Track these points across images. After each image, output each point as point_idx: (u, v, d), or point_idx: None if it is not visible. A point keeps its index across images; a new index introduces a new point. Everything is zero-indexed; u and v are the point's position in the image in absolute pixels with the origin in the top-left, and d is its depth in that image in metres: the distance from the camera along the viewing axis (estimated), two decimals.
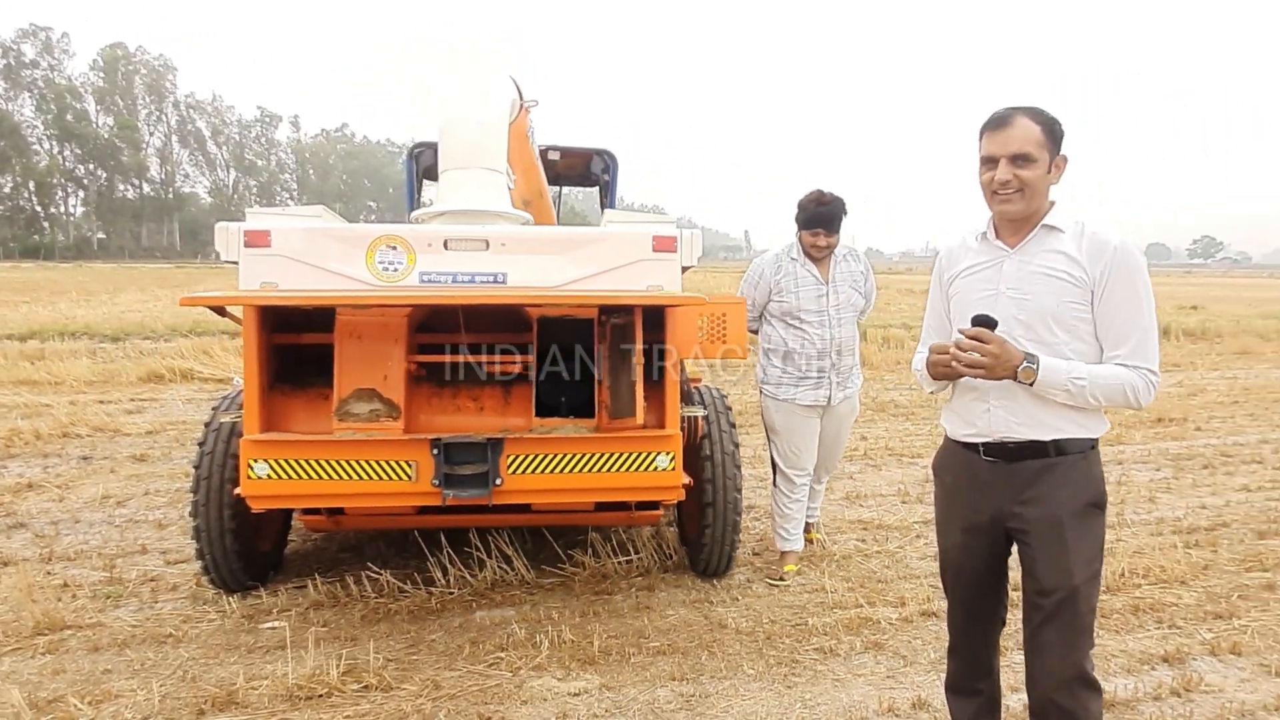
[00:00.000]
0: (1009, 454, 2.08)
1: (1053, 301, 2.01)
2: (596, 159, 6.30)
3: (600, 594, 3.74)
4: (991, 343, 1.96)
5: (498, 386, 3.39)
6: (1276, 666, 3.11)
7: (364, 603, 3.59)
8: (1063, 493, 2.03)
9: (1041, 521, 2.03)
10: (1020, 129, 1.98)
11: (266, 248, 3.01)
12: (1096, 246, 1.99)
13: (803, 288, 3.76)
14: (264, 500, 3.09)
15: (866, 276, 3.94)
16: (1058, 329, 2.02)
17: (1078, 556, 2.01)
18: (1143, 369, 1.97)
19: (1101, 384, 1.96)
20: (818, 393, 3.79)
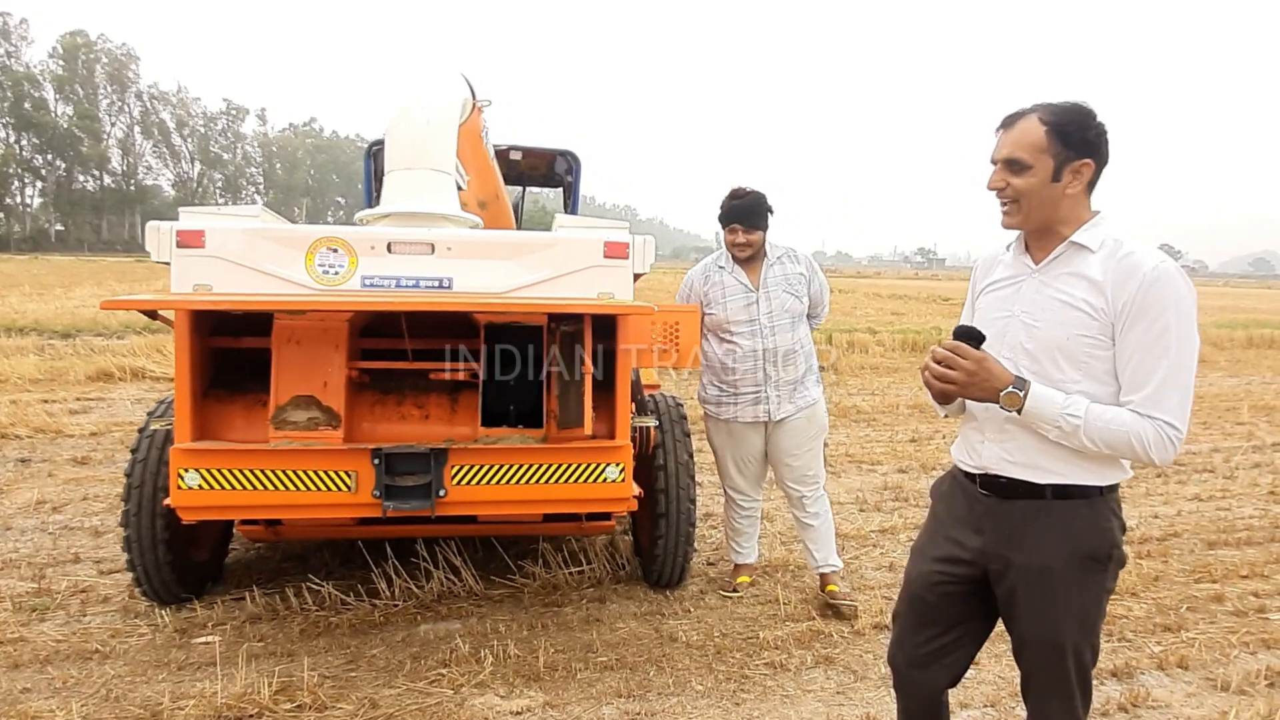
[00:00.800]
0: (1001, 490, 1.85)
1: (1062, 334, 1.75)
2: (559, 159, 6.21)
3: (550, 606, 3.66)
4: (968, 358, 1.74)
5: (444, 394, 3.29)
6: (1221, 680, 3.11)
7: (304, 615, 3.47)
8: (1056, 541, 1.78)
9: (1028, 568, 1.80)
10: (1018, 130, 1.75)
11: (200, 249, 2.89)
12: (1125, 272, 1.69)
13: (730, 297, 3.52)
14: (195, 511, 2.97)
15: (810, 279, 3.64)
16: (1065, 364, 1.75)
17: (1066, 613, 1.78)
18: (1159, 420, 1.66)
19: (1100, 427, 1.68)
20: (757, 409, 3.55)
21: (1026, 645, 1.86)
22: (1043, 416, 1.71)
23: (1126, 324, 1.70)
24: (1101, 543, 1.78)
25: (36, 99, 79.51)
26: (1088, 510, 1.79)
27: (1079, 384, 1.75)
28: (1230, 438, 7.63)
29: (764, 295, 3.51)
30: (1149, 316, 1.67)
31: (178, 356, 2.96)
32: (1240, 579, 4.14)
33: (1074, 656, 1.80)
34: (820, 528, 3.70)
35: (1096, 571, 1.79)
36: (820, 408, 3.66)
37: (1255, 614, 3.72)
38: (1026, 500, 1.82)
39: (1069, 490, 1.78)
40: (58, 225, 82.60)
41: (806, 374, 3.60)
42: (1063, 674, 1.82)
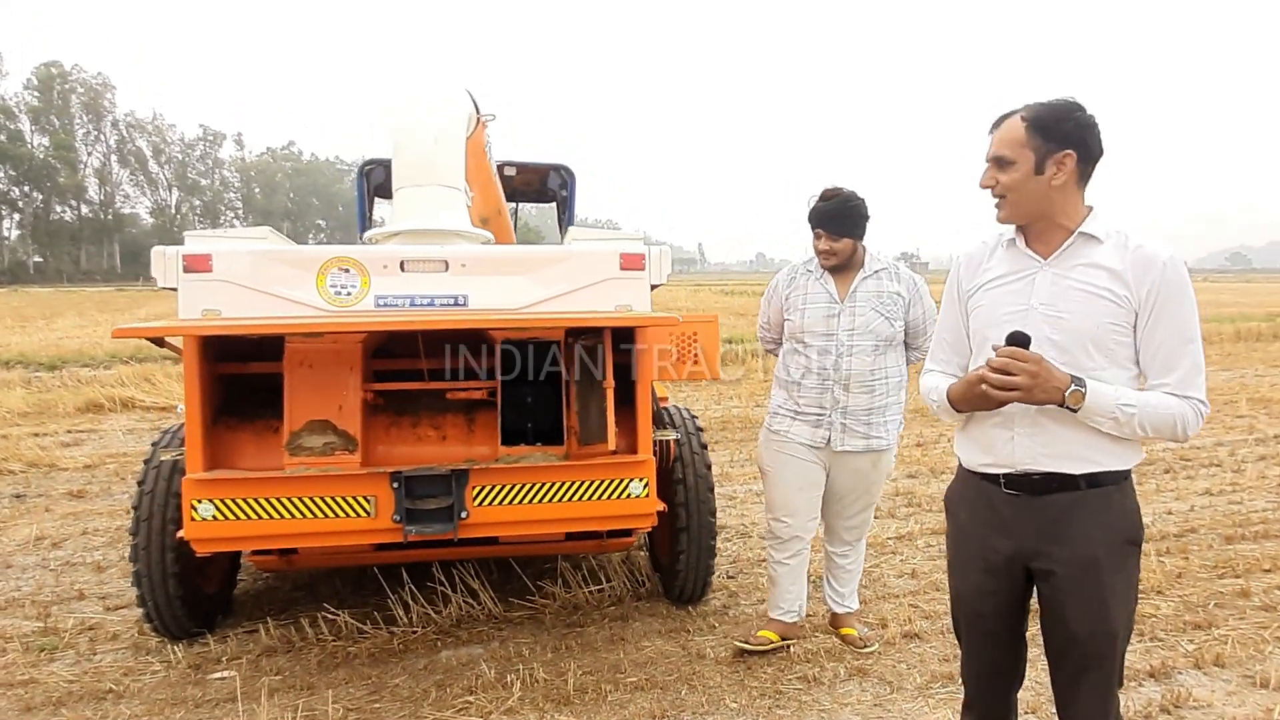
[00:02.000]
0: (1033, 487, 1.85)
1: (1091, 323, 1.79)
2: (553, 174, 6.16)
3: (572, 626, 3.58)
4: (1029, 361, 1.72)
5: (460, 414, 3.22)
6: (1261, 677, 3.07)
7: (320, 646, 3.38)
8: (1097, 530, 1.80)
9: (1073, 562, 1.80)
10: (1004, 129, 1.82)
11: (207, 273, 2.82)
12: (1143, 262, 1.76)
13: (811, 305, 3.13)
14: (210, 543, 2.88)
15: (911, 301, 3.14)
16: (1096, 352, 1.79)
17: (1115, 599, 1.80)
18: (1194, 399, 1.76)
19: (1150, 413, 1.74)
20: (816, 431, 3.13)
21: (1077, 639, 1.84)
22: (1102, 410, 1.74)
23: (1152, 313, 1.76)
24: (1136, 525, 1.85)
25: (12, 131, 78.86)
26: (1119, 495, 1.82)
27: (1106, 370, 1.79)
28: (1232, 431, 7.65)
29: (849, 309, 3.09)
30: (1172, 305, 1.75)
31: (187, 384, 2.88)
32: (1264, 573, 4.11)
33: (1121, 646, 1.85)
34: (851, 569, 3.40)
35: (1134, 555, 1.85)
36: (890, 451, 3.20)
37: None
38: (1061, 493, 1.82)
39: (1100, 478, 1.81)
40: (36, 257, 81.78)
41: (885, 410, 3.13)
42: (1111, 661, 1.84)
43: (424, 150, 3.21)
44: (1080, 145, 1.78)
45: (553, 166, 6.09)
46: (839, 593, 3.40)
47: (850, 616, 3.42)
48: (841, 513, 3.29)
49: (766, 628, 3.35)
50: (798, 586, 3.34)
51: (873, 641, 3.32)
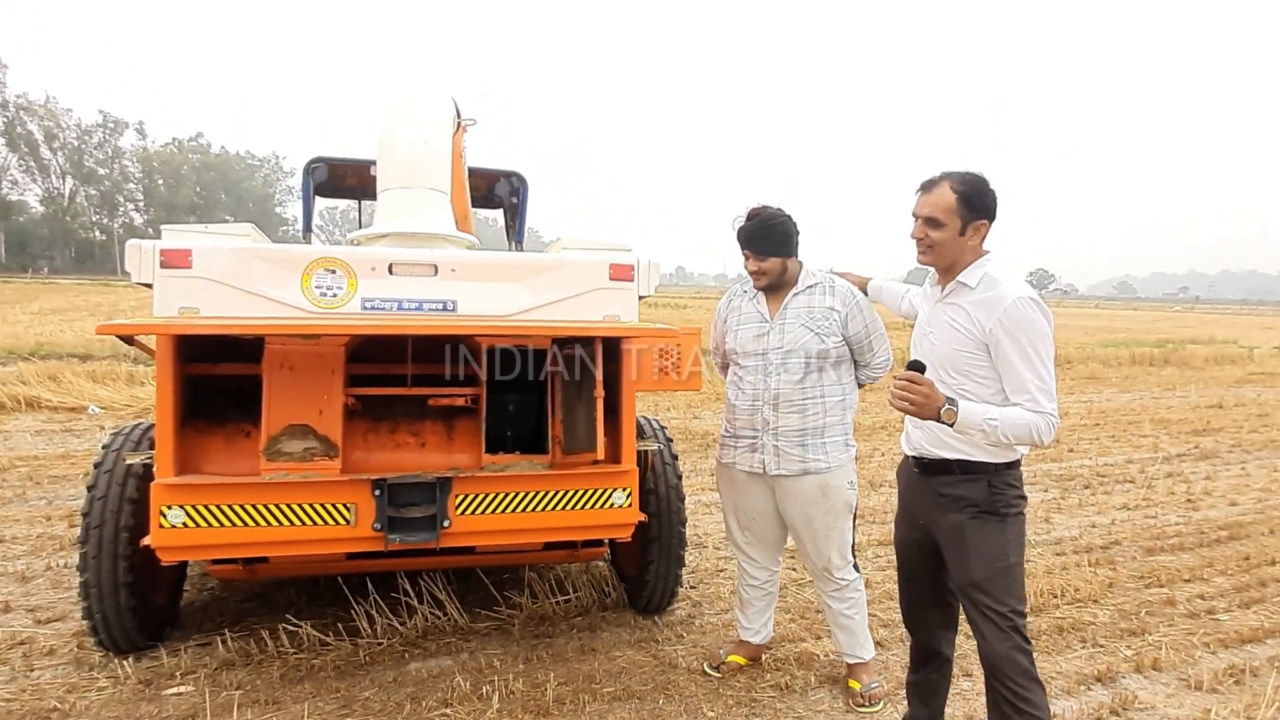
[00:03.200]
0: (927, 468, 2.45)
1: (948, 349, 2.33)
2: (503, 181, 6.10)
3: (541, 637, 3.55)
4: (922, 385, 2.17)
5: (439, 421, 3.17)
6: (1194, 680, 3.29)
7: (282, 659, 3.26)
8: (963, 503, 2.34)
9: (948, 527, 2.37)
10: (936, 195, 2.28)
11: (186, 269, 2.71)
12: (990, 303, 2.24)
13: (743, 325, 3.07)
14: (178, 551, 2.75)
15: (849, 315, 2.97)
16: (953, 372, 2.32)
17: (975, 555, 2.31)
18: (1044, 413, 2.19)
19: (1010, 425, 2.18)
20: (753, 457, 3.04)
21: (955, 589, 2.42)
22: (971, 425, 2.18)
23: (997, 344, 2.23)
24: (996, 502, 2.32)
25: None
26: (986, 480, 2.33)
27: (964, 385, 2.30)
28: (1139, 449, 8.16)
29: (778, 326, 2.99)
30: (1013, 338, 2.20)
31: (160, 385, 2.75)
32: (1184, 583, 4.41)
33: (991, 593, 2.29)
34: (850, 614, 3.14)
35: (993, 522, 2.31)
36: (837, 476, 3.00)
37: (1206, 615, 3.97)
38: (942, 475, 2.39)
39: (971, 466, 2.33)
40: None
41: (823, 431, 2.98)
42: (985, 611, 2.29)
43: (413, 152, 3.16)
44: (991, 215, 2.30)
45: (504, 173, 6.03)
46: (842, 642, 3.18)
47: (859, 669, 3.17)
48: (803, 547, 3.12)
49: (735, 651, 3.34)
50: (769, 611, 3.34)
51: (878, 700, 3.07)
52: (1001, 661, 2.28)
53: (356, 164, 5.06)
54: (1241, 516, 5.74)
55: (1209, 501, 6.18)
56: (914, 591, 2.66)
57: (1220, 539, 5.21)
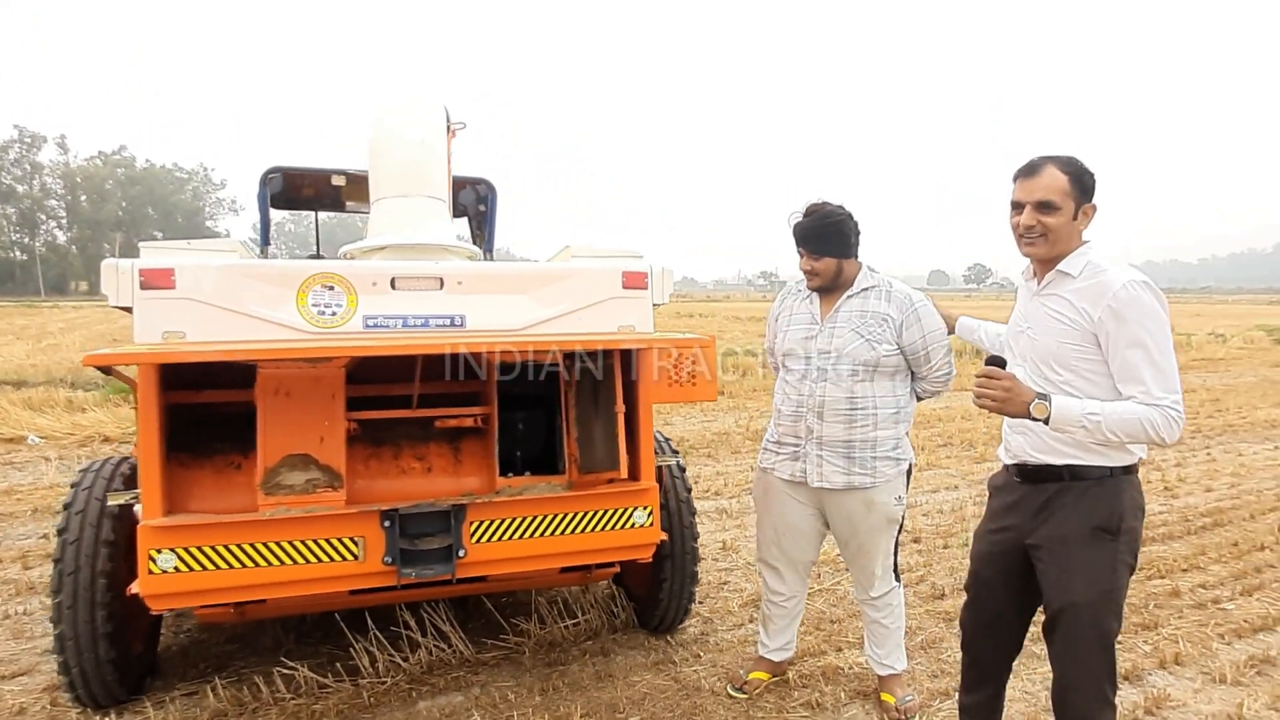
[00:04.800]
0: (1029, 475, 2.25)
1: (1053, 343, 2.15)
2: (469, 189, 5.89)
3: (554, 665, 3.38)
4: (1002, 379, 2.05)
5: (445, 443, 2.99)
6: (1218, 673, 3.28)
7: (279, 707, 3.02)
8: (1072, 515, 2.15)
9: (1051, 540, 2.17)
10: (1047, 177, 2.11)
11: (169, 290, 2.48)
12: (1098, 291, 2.08)
13: (793, 326, 2.94)
14: (171, 599, 2.52)
15: (904, 323, 2.81)
16: (1059, 368, 2.14)
17: (1080, 574, 2.12)
18: (1162, 405, 2.00)
19: (1118, 419, 2.00)
20: (794, 466, 2.92)
21: (1050, 605, 2.18)
22: (1069, 420, 2.01)
23: (1108, 334, 2.06)
24: (1110, 516, 2.11)
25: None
26: (1099, 489, 2.14)
27: (1072, 383, 2.12)
28: None
29: (827, 330, 2.85)
30: (1127, 324, 2.03)
31: (143, 418, 2.51)
32: (1183, 572, 4.44)
33: (1090, 617, 2.11)
34: (886, 624, 3.04)
35: (1105, 540, 2.12)
36: (883, 492, 2.86)
37: (1213, 605, 3.98)
38: (1050, 483, 2.19)
39: (1080, 471, 2.14)
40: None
41: (873, 444, 2.83)
42: (1079, 635, 2.12)
43: (410, 158, 2.96)
44: (1093, 198, 2.16)
45: (469, 180, 5.82)
46: (876, 651, 3.08)
47: (891, 680, 3.05)
48: (847, 560, 3.05)
49: (756, 668, 3.22)
50: (792, 628, 3.21)
51: (912, 713, 2.95)
52: (1085, 699, 2.14)
53: (315, 173, 4.81)
54: (1220, 503, 5.84)
55: (1186, 489, 6.29)
56: (985, 611, 2.43)
57: (1206, 526, 5.28)
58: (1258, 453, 7.63)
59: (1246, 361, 16.71)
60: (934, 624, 3.78)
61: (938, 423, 9.11)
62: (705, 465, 7.17)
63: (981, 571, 2.41)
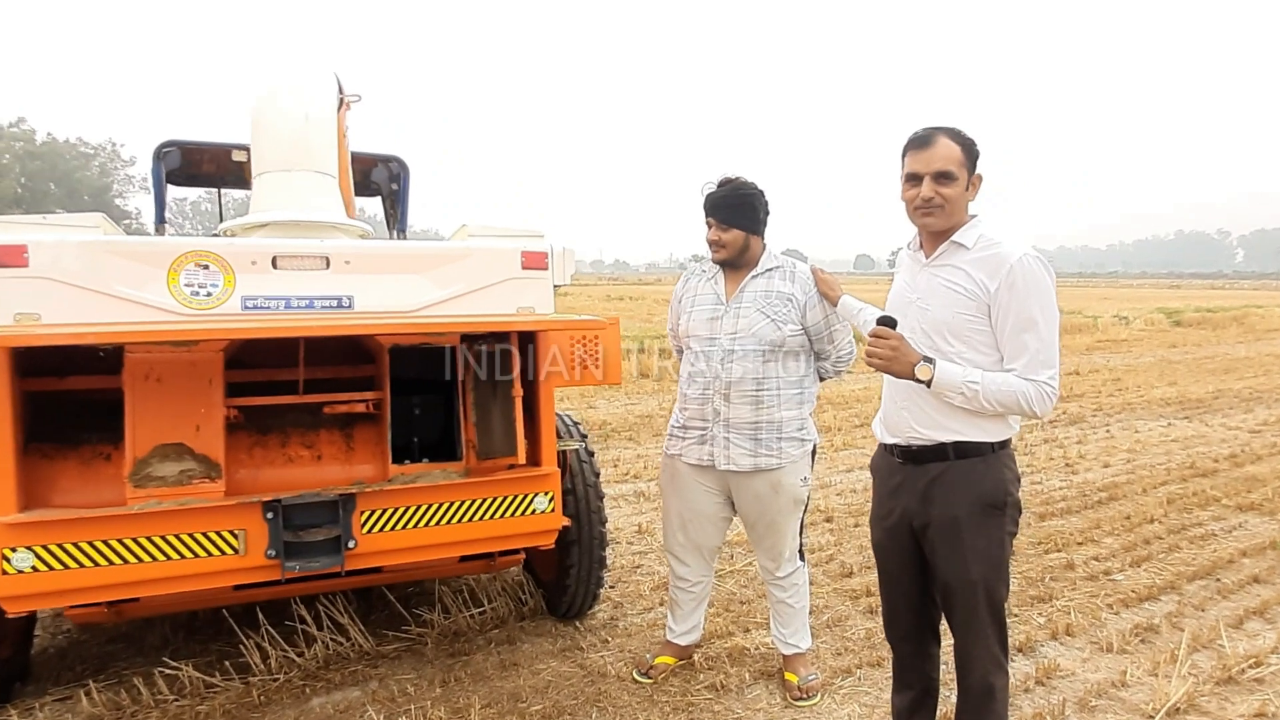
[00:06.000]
0: (914, 456, 2.23)
1: (948, 313, 2.14)
2: (381, 167, 5.69)
3: (457, 655, 3.30)
4: (891, 338, 2.10)
5: (337, 430, 2.86)
6: (1105, 642, 3.40)
7: (160, 709, 2.87)
8: (961, 494, 2.15)
9: (942, 520, 2.17)
10: (942, 147, 2.10)
11: (21, 268, 2.30)
12: (994, 263, 2.08)
13: (697, 306, 2.91)
14: (28, 600, 2.35)
15: (808, 303, 2.81)
16: (952, 339, 2.14)
17: (973, 552, 2.14)
18: (1039, 380, 2.04)
19: (995, 390, 2.04)
20: (702, 449, 2.89)
21: (948, 587, 2.19)
22: (949, 385, 2.06)
23: (999, 306, 2.06)
24: (998, 491, 2.14)
25: None
26: (983, 466, 2.15)
27: (964, 354, 2.12)
28: None
29: (733, 310, 2.83)
30: (1018, 299, 2.04)
31: None
32: (1078, 545, 4.60)
33: (984, 592, 2.15)
34: (791, 604, 3.05)
35: (995, 516, 2.14)
36: (790, 473, 2.86)
37: (1104, 577, 4.13)
38: (934, 463, 2.18)
39: (967, 448, 2.14)
40: None
41: (779, 426, 2.83)
42: (975, 609, 2.16)
43: (293, 130, 2.80)
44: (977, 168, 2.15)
45: (381, 158, 5.62)
46: (781, 631, 3.09)
47: (795, 660, 3.07)
48: (754, 541, 3.04)
49: (662, 652, 3.20)
50: (699, 612, 3.21)
51: (814, 692, 2.97)
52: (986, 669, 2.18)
53: (214, 148, 4.57)
54: (1116, 478, 6.09)
55: (1085, 465, 6.53)
56: (895, 597, 2.41)
57: (1102, 500, 5.49)
58: (1153, 429, 7.99)
59: (1147, 343, 17.52)
60: (840, 602, 3.82)
61: (855, 403, 9.28)
62: (626, 448, 7.14)
63: (884, 563, 2.41)
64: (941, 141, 2.09)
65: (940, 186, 2.09)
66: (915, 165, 2.12)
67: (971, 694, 2.23)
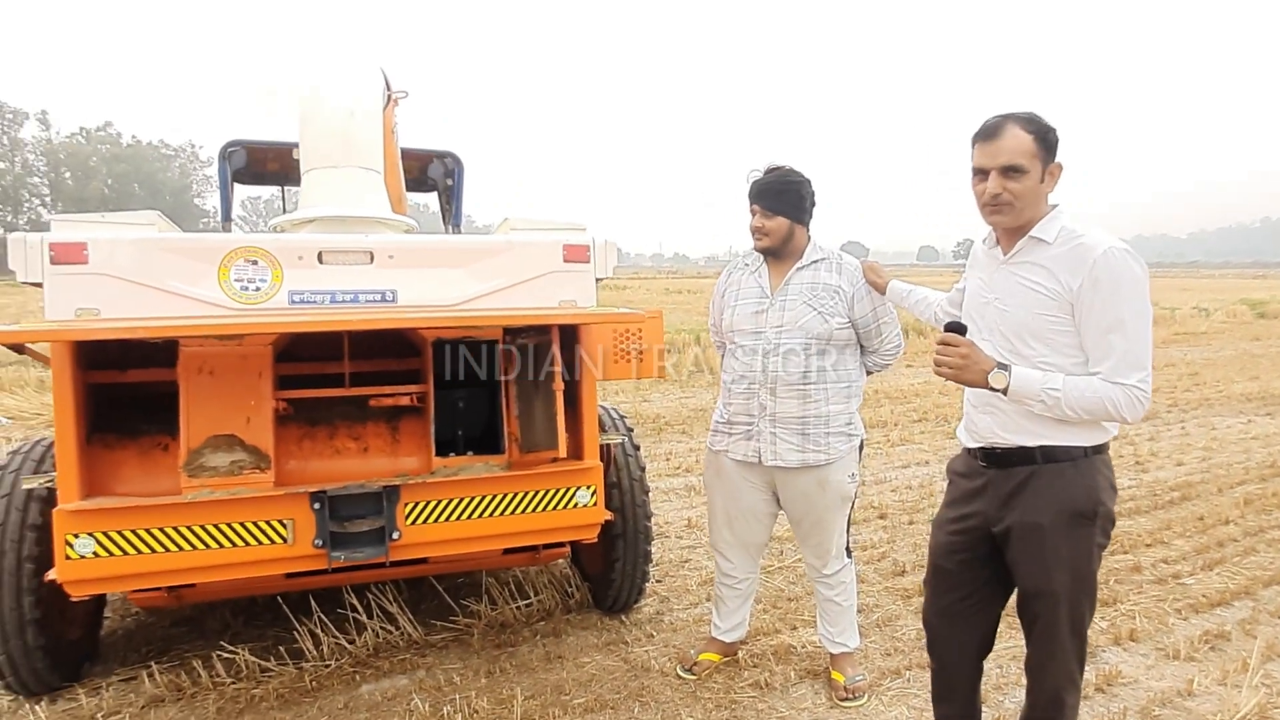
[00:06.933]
0: (998, 460, 2.09)
1: (1026, 314, 2.00)
2: (436, 163, 5.77)
3: (503, 647, 3.33)
4: (960, 345, 1.97)
5: (383, 422, 2.91)
6: (1171, 649, 3.25)
7: (218, 691, 2.97)
8: (1047, 501, 1.99)
9: (1022, 526, 2.02)
10: (1010, 139, 1.94)
11: (82, 265, 2.38)
12: (1077, 258, 1.93)
13: (741, 300, 2.85)
14: (90, 585, 2.44)
15: (856, 296, 2.76)
16: (1034, 342, 1.99)
17: (1057, 563, 1.99)
18: (1127, 384, 1.87)
19: (1078, 396, 1.89)
20: (749, 445, 2.84)
21: (1026, 595, 2.07)
22: (1027, 394, 1.92)
23: (1084, 304, 1.91)
24: (1088, 500, 1.97)
25: None
26: (1073, 471, 1.99)
27: (1047, 357, 1.97)
28: None
29: (779, 303, 2.77)
30: (1104, 296, 1.88)
31: (58, 398, 2.42)
32: (1146, 547, 4.41)
33: (1067, 606, 2.00)
34: (839, 602, 2.99)
35: (1084, 526, 1.98)
36: (837, 470, 2.81)
37: (1173, 580, 3.96)
38: (1020, 467, 2.03)
39: (1055, 452, 1.98)
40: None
41: (826, 420, 2.77)
42: (1056, 624, 2.01)
43: (338, 126, 2.86)
44: (1056, 156, 1.99)
45: (436, 154, 5.70)
46: (828, 630, 3.03)
47: (843, 659, 3.01)
48: (800, 539, 2.99)
49: (707, 649, 3.17)
50: (744, 608, 3.16)
51: (861, 693, 2.91)
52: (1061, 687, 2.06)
53: (278, 147, 4.69)
54: (1189, 477, 5.82)
55: (1157, 463, 6.27)
56: (947, 607, 2.26)
57: (1173, 500, 5.26)
58: (1231, 426, 7.62)
59: (1227, 335, 16.73)
60: (891, 601, 3.74)
61: (913, 397, 9.08)
62: (679, 442, 7.11)
63: (942, 564, 2.25)
64: (1010, 132, 1.93)
65: (1008, 181, 1.94)
66: (982, 159, 1.98)
67: (1039, 706, 2.12)
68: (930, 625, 2.33)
